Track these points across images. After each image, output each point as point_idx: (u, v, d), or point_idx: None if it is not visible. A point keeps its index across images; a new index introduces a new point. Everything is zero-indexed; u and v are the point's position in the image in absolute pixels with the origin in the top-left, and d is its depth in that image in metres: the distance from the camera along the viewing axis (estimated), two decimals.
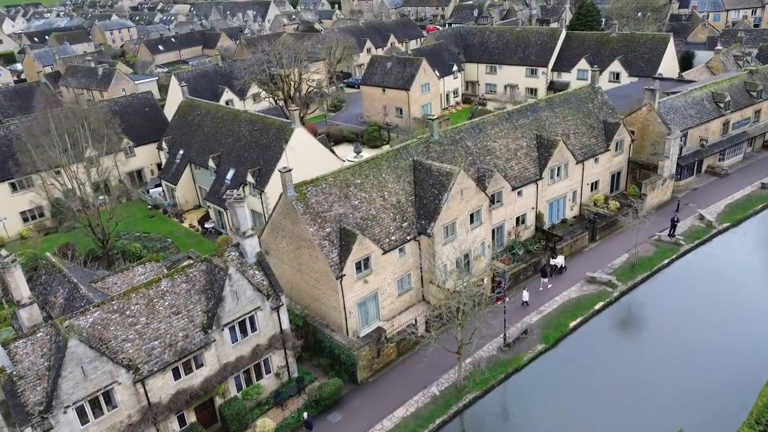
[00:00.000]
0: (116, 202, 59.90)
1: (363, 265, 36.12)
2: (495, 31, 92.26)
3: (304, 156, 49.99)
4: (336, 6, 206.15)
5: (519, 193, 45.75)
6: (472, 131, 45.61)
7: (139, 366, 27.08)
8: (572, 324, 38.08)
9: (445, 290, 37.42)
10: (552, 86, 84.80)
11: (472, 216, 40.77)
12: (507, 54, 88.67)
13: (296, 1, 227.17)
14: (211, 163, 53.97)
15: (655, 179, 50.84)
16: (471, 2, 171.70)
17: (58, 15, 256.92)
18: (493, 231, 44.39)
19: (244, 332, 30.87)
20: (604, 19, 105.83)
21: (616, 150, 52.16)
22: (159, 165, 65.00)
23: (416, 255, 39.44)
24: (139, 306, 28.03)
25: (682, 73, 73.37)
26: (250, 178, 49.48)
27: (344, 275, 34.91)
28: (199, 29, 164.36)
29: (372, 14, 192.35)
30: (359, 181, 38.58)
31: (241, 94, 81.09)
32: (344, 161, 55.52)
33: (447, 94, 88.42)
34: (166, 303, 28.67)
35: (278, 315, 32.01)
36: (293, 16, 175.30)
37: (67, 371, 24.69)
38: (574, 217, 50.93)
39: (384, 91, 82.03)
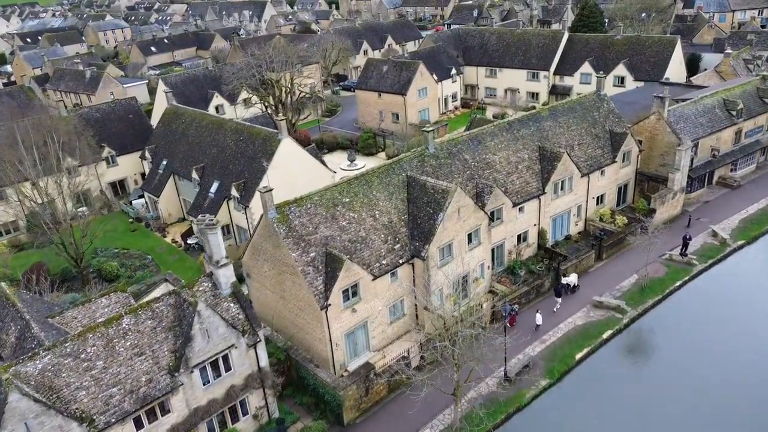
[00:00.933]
0: (97, 214, 57.06)
1: (351, 292, 33.14)
2: (495, 33, 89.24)
3: (292, 169, 47.13)
4: (333, 6, 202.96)
5: (520, 210, 42.78)
6: (470, 143, 42.63)
7: (95, 417, 24.11)
8: (578, 355, 35.10)
9: (439, 320, 34.46)
10: (554, 90, 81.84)
11: (470, 236, 37.84)
12: (507, 57, 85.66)
13: (294, 0, 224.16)
14: (194, 175, 51.02)
15: (665, 193, 47.86)
16: (471, 2, 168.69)
17: (53, 15, 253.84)
18: (493, 250, 41.44)
19: (216, 373, 27.92)
20: (606, 20, 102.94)
21: (623, 161, 49.18)
22: (143, 175, 62.04)
23: (410, 279, 36.47)
24: (96, 348, 25.06)
25: (691, 78, 70.39)
26: (234, 192, 46.53)
27: (330, 305, 31.93)
28: (194, 30, 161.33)
29: (370, 14, 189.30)
30: (348, 200, 35.60)
31: (232, 99, 78.17)
32: (335, 172, 52.59)
33: (445, 99, 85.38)
34: (128, 343, 25.70)
35: (256, 352, 29.05)
36: (289, 17, 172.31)
37: (9, 429, 21.72)
38: (579, 233, 47.96)
39: (380, 95, 79.07)
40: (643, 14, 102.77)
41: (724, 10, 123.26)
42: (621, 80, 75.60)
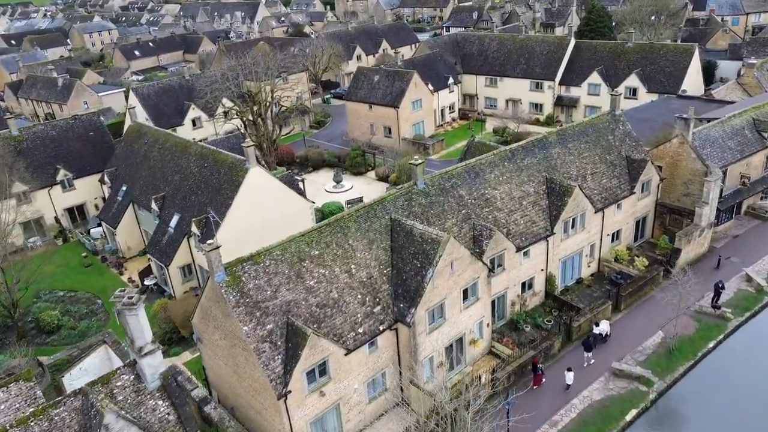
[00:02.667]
0: (50, 245, 50.97)
1: (318, 372, 26.99)
2: (495, 39, 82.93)
3: (262, 201, 40.97)
4: (328, 7, 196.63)
5: (525, 254, 36.61)
6: (466, 176, 36.41)
7: None
8: None
9: (429, 398, 28.36)
10: (559, 102, 75.61)
11: (465, 291, 31.70)
12: (509, 65, 79.36)
13: (289, 0, 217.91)
14: (153, 206, 44.82)
15: (691, 230, 41.61)
16: (470, 3, 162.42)
17: (44, 15, 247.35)
18: (493, 302, 35.29)
19: None
20: (614, 23, 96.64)
21: (642, 192, 43.00)
22: (105, 199, 55.81)
23: (393, 348, 30.32)
24: None
25: (711, 91, 64.18)
26: (194, 229, 40.32)
27: (290, 392, 25.74)
28: (182, 32, 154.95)
29: (367, 15, 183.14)
30: (317, 253, 29.39)
31: (211, 111, 71.79)
32: (313, 203, 46.38)
33: (442, 110, 79.19)
34: None
35: None
36: (282, 18, 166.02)
37: None
38: (592, 275, 41.80)
39: (370, 107, 72.84)
40: (653, 17, 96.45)
41: (737, 13, 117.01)
42: (633, 92, 69.33)
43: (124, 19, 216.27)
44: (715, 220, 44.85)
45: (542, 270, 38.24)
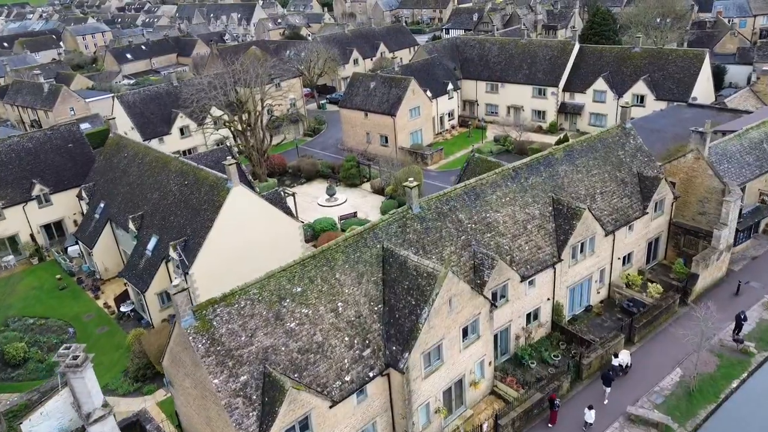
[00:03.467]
0: (25, 265, 48.05)
1: (299, 429, 23.96)
2: (496, 43, 79.88)
3: (245, 222, 38.00)
4: (326, 9, 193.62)
5: (530, 283, 33.61)
6: (465, 198, 33.38)
7: None
8: None
9: None
10: (563, 109, 72.64)
11: (465, 329, 28.72)
12: (510, 70, 76.36)
13: (286, 1, 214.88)
14: (131, 226, 41.78)
15: (709, 254, 38.56)
16: (470, 5, 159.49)
17: (40, 17, 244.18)
18: (495, 336, 32.35)
19: None
20: (618, 26, 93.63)
21: (655, 211, 40.01)
22: (84, 214, 52.81)
23: (385, 393, 27.31)
24: None
25: (724, 99, 61.09)
26: (172, 254, 37.30)
27: None
28: (176, 35, 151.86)
29: (366, 16, 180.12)
30: (299, 290, 26.37)
31: (200, 119, 68.69)
32: (302, 222, 43.42)
33: (441, 117, 76.20)
34: None
35: None
36: (279, 20, 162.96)
37: None
38: (602, 302, 38.81)
39: (366, 115, 69.90)
40: (658, 19, 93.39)
41: (744, 15, 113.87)
42: (640, 99, 66.34)
43: (119, 20, 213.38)
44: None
45: (549, 299, 35.25)
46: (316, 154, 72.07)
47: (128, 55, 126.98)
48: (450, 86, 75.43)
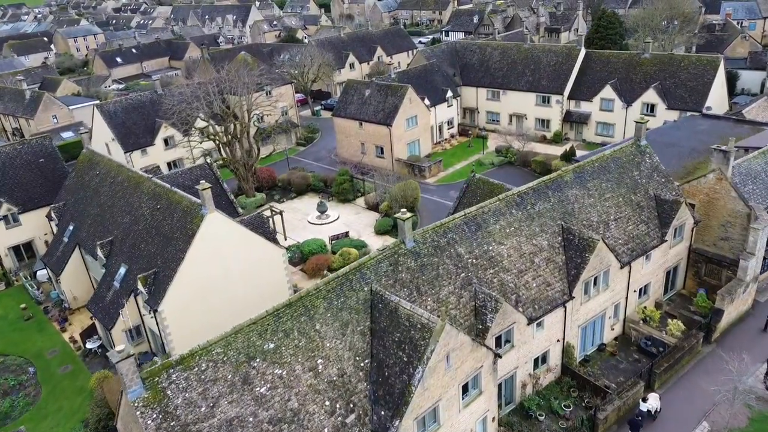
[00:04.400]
0: None
1: None
2: (498, 48, 76.20)
3: (222, 251, 34.39)
4: (323, 10, 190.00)
5: (539, 325, 29.96)
6: (465, 229, 29.73)
7: None
8: None
9: None
10: (568, 117, 69.00)
11: (465, 385, 25.09)
12: (513, 77, 72.69)
13: (283, 3, 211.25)
14: (99, 253, 38.14)
15: (735, 286, 34.89)
16: (470, 6, 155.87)
17: (35, 18, 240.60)
18: (499, 385, 28.69)
19: None
20: (624, 29, 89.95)
21: (674, 238, 36.38)
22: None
23: None
24: None
25: (742, 110, 57.32)
26: (140, 287, 33.65)
27: None
28: (168, 37, 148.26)
29: (364, 18, 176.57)
30: (272, 347, 22.73)
31: (185, 129, 64.89)
32: (286, 249, 39.79)
33: (440, 126, 72.57)
34: None
35: None
36: (274, 22, 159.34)
37: None
38: (616, 339, 35.19)
39: (361, 125, 66.28)
40: (665, 22, 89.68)
41: (753, 17, 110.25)
42: (650, 108, 62.70)
43: (114, 22, 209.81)
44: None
45: (558, 340, 31.61)
46: (308, 166, 68.44)
47: (118, 59, 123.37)
48: (449, 93, 71.81)
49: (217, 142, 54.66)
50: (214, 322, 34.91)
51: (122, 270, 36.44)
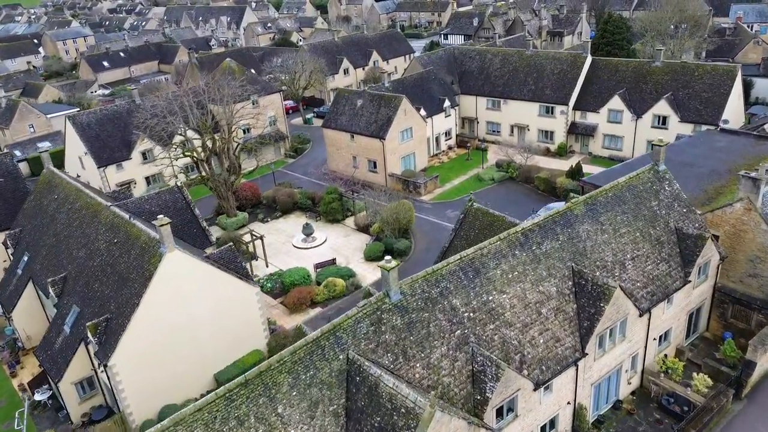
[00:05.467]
0: None
1: None
2: (498, 55, 71.95)
3: (186, 293, 30.22)
4: (319, 12, 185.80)
5: (547, 388, 25.74)
6: (461, 276, 25.52)
7: None
8: None
9: None
10: (573, 129, 64.76)
11: None
12: (514, 85, 68.44)
13: (280, 4, 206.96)
14: (51, 290, 33.92)
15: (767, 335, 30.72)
16: (470, 8, 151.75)
17: (29, 19, 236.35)
18: None
19: None
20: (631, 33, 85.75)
21: (698, 277, 32.19)
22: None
23: None
24: None
25: (764, 125, 53.09)
26: (90, 336, 29.44)
27: None
28: (159, 40, 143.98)
29: (361, 20, 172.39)
30: None
31: (167, 139, 60.34)
32: (260, 287, 35.63)
33: (437, 137, 68.36)
34: None
35: None
36: (269, 24, 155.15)
37: None
38: (633, 394, 31.00)
39: (352, 137, 62.09)
40: (673, 26, 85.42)
41: (765, 21, 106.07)
42: (662, 121, 58.50)
43: (107, 23, 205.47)
44: None
45: (569, 403, 27.40)
46: (296, 181, 64.22)
47: (105, 63, 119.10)
48: (447, 103, 67.59)
49: (195, 158, 50.42)
50: (178, 372, 30.97)
51: (74, 312, 32.25)
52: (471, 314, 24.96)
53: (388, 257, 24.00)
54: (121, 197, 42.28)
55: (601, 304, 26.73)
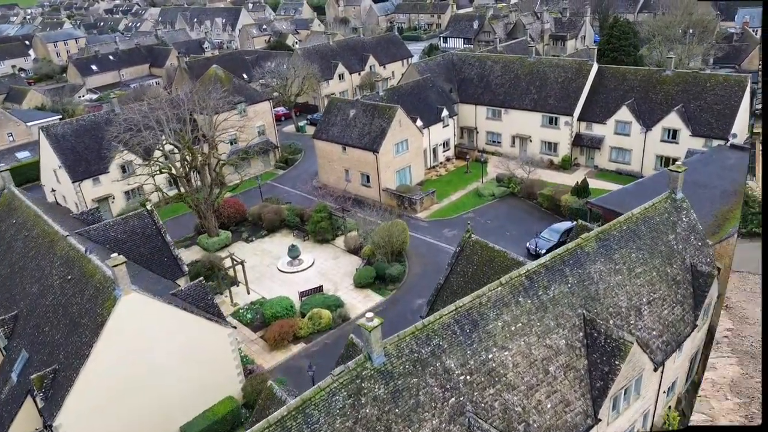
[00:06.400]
0: None
1: None
2: (499, 62, 68.51)
3: (144, 340, 26.79)
4: (316, 13, 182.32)
5: None
6: (457, 331, 22.07)
7: None
8: None
9: None
10: (578, 141, 61.34)
11: None
12: (516, 94, 65.00)
13: (277, 4, 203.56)
14: (0, 332, 30.43)
15: None
16: (470, 10, 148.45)
17: (24, 19, 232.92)
18: None
19: None
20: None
21: (703, 318, 28.86)
22: None
23: None
24: None
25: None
26: (36, 390, 25.97)
27: None
28: (152, 42, 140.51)
29: (359, 21, 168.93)
30: None
31: (147, 153, 56.86)
32: (234, 328, 32.17)
33: (434, 148, 64.91)
34: None
35: None
36: (264, 26, 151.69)
37: None
38: None
39: (344, 149, 58.67)
40: (680, 30, 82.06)
41: None
42: (672, 134, 55.09)
43: (102, 24, 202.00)
44: None
45: None
46: (285, 195, 60.80)
47: (93, 67, 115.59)
48: (445, 112, 64.16)
49: (173, 174, 46.99)
50: (138, 429, 27.47)
51: (22, 358, 28.81)
52: (467, 377, 21.50)
53: (369, 314, 20.48)
54: (89, 219, 38.91)
55: (616, 362, 23.28)
